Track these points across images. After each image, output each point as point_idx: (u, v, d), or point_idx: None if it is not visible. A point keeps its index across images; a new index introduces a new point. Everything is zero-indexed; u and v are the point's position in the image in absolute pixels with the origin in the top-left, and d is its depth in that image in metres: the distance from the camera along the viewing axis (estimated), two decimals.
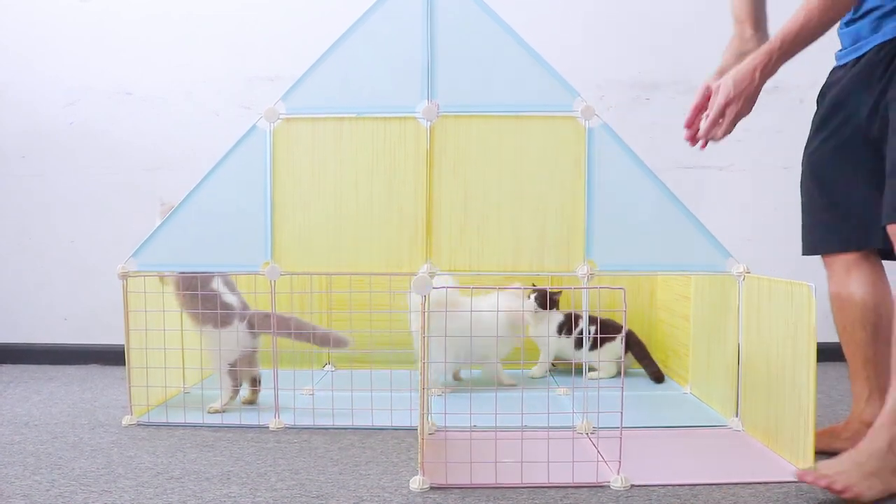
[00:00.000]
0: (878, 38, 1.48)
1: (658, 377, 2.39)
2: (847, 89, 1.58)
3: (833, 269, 1.66)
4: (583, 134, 1.86)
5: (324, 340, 2.04)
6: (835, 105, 1.63)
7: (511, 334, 2.22)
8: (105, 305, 2.74)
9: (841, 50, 1.62)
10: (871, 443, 1.41)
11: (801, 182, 1.74)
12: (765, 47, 1.40)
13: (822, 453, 1.55)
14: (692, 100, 1.63)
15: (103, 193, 2.83)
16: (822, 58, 2.78)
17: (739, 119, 1.44)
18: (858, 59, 1.56)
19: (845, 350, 1.65)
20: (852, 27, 1.55)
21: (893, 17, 1.45)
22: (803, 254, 1.73)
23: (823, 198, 1.67)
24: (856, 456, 1.41)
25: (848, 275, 1.61)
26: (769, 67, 1.39)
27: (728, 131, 1.46)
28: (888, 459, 1.38)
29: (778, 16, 1.61)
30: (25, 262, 2.86)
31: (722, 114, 1.42)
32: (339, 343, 2.05)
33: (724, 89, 1.41)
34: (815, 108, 1.71)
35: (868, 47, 1.49)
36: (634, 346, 2.43)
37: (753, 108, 1.46)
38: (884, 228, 1.47)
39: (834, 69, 1.66)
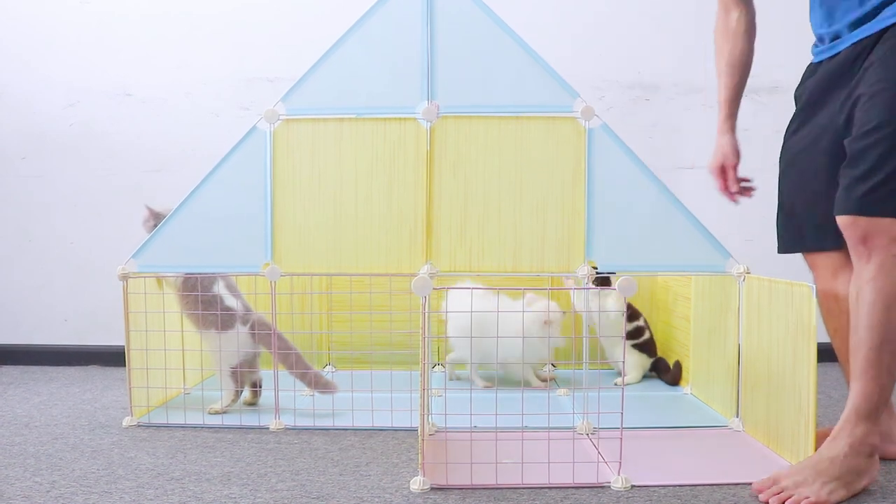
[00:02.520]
0: (855, 37, 1.49)
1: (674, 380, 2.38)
2: (822, 86, 1.58)
3: (818, 270, 1.65)
4: (583, 134, 1.86)
5: (311, 382, 1.99)
6: (810, 102, 1.63)
7: (541, 335, 2.19)
8: (105, 306, 2.74)
9: (816, 46, 1.63)
10: (831, 448, 1.41)
11: (780, 180, 1.72)
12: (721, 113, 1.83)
13: None
14: (691, 100, 1.65)
15: (103, 194, 2.83)
16: None
17: (732, 167, 1.86)
18: (834, 56, 1.56)
19: (838, 353, 1.65)
20: (831, 29, 1.55)
21: (872, 19, 1.46)
22: (779, 252, 1.72)
23: (799, 196, 1.65)
24: (815, 462, 1.41)
25: (835, 277, 1.60)
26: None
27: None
28: (847, 463, 1.38)
29: None
30: (26, 263, 2.86)
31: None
32: (326, 388, 2.00)
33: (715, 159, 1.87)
34: (795, 104, 1.71)
35: (844, 45, 1.49)
36: (664, 371, 2.45)
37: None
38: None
39: (810, 65, 1.67)
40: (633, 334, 2.44)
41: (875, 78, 1.42)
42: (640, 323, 2.47)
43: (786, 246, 1.71)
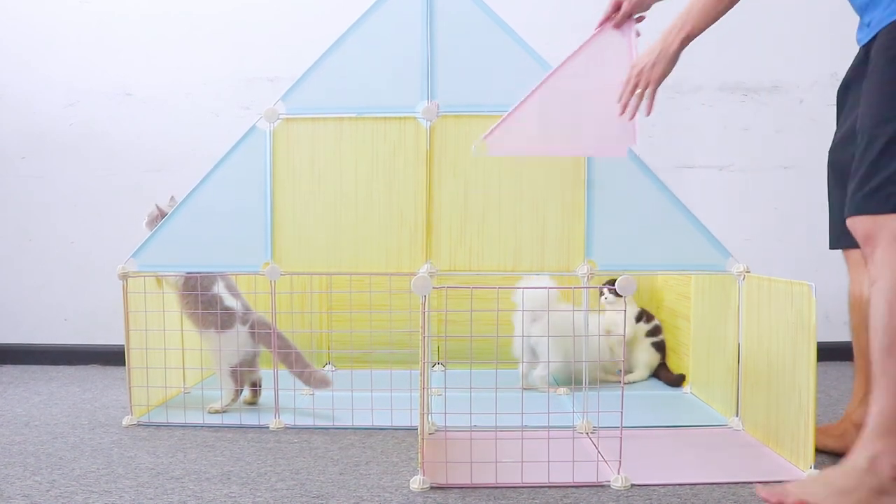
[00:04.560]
0: (862, 39, 1.48)
1: (675, 382, 2.38)
2: (847, 82, 1.57)
3: (851, 266, 1.62)
4: None
5: (307, 379, 2.01)
6: (841, 98, 1.61)
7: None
8: (105, 306, 2.73)
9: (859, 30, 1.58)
10: (851, 461, 1.32)
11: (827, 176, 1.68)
12: (672, 25, 1.59)
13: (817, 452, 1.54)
14: (691, 100, 1.64)
15: (104, 194, 2.83)
16: (821, 59, 2.79)
17: (648, 85, 1.63)
18: (863, 47, 1.53)
19: (854, 349, 1.63)
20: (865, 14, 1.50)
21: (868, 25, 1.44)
22: (829, 248, 1.69)
23: (837, 191, 1.61)
24: (827, 474, 1.34)
25: (861, 274, 1.55)
26: (676, 41, 1.59)
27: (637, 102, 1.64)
28: (866, 479, 1.27)
29: None
30: (26, 263, 2.86)
31: (633, 79, 1.62)
32: (322, 383, 2.02)
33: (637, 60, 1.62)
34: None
35: (866, 39, 1.47)
36: (661, 368, 2.46)
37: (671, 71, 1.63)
38: None
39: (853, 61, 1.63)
40: (653, 332, 2.46)
41: (868, 84, 1.40)
42: (658, 322, 2.49)
43: (830, 242, 1.68)
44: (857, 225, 1.38)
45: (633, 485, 1.47)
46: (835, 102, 1.65)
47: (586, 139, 1.73)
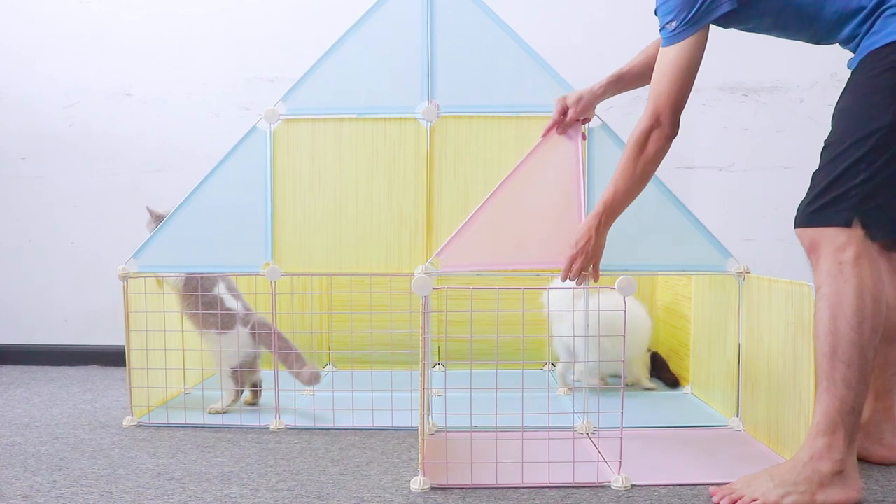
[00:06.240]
0: (858, 58, 1.52)
1: (674, 382, 2.37)
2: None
3: None
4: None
5: (298, 376, 2.00)
6: None
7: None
8: (106, 306, 2.74)
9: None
10: (792, 458, 1.41)
11: None
12: (594, 211, 1.60)
13: None
14: (691, 100, 1.66)
15: (104, 194, 2.83)
16: (822, 58, 2.78)
17: (589, 265, 1.62)
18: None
19: None
20: (848, 46, 1.56)
21: (855, 50, 1.49)
22: None
23: None
24: (773, 468, 1.41)
25: None
26: (601, 227, 1.60)
27: (583, 279, 1.64)
28: (805, 471, 1.35)
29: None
30: (26, 263, 2.86)
31: (570, 267, 1.62)
32: (312, 379, 2.01)
33: (568, 247, 1.61)
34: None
35: (853, 66, 1.52)
36: (661, 368, 2.45)
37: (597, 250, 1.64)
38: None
39: None
40: None
41: (843, 100, 1.48)
42: None
43: None
44: (804, 236, 1.46)
45: (633, 485, 1.47)
46: (835, 103, 1.66)
47: (536, 249, 1.72)
